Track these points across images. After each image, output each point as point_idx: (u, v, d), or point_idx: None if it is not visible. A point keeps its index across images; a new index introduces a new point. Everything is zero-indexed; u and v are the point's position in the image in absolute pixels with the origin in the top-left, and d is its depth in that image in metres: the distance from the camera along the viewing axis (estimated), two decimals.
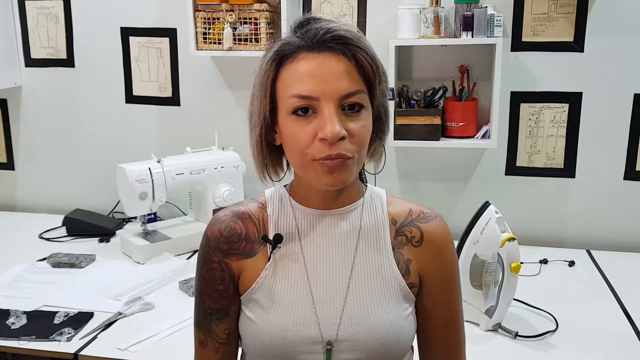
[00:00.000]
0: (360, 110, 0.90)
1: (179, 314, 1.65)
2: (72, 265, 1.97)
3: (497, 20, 1.94)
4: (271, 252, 0.98)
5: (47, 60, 2.46)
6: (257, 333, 0.95)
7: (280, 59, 0.92)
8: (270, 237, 0.98)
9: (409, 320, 0.97)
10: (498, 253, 1.51)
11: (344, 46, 0.89)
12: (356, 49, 0.90)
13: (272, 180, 1.01)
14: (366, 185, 1.04)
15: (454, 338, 1.03)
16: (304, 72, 0.89)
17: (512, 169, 2.18)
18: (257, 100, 0.94)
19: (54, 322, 1.60)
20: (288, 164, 1.01)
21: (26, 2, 2.43)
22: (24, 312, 1.64)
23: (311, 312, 0.94)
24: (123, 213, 2.22)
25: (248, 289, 0.98)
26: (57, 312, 1.65)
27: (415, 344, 1.04)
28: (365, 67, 0.90)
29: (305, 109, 0.89)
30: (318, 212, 0.98)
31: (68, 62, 2.44)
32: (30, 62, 2.48)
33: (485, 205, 1.55)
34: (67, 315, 1.63)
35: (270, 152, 0.98)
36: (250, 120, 0.97)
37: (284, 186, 1.03)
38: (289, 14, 2.08)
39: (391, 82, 1.99)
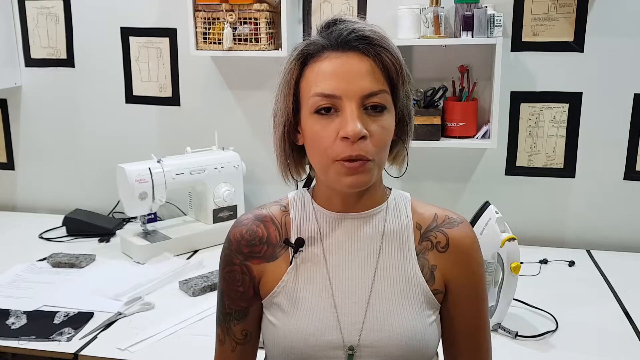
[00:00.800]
0: (382, 111, 0.90)
1: (178, 314, 1.65)
2: (72, 265, 1.97)
3: (497, 20, 1.94)
4: (293, 256, 0.97)
5: (47, 60, 2.46)
6: (278, 337, 0.95)
7: (304, 59, 0.92)
8: (292, 240, 0.98)
9: (433, 327, 0.95)
10: (498, 253, 1.51)
11: (368, 46, 0.89)
12: (380, 49, 0.89)
13: (295, 179, 1.01)
14: (390, 189, 1.03)
15: (481, 345, 1.01)
16: (328, 71, 0.89)
17: (512, 169, 2.18)
18: (281, 99, 0.94)
19: (54, 322, 1.60)
20: (310, 165, 1.01)
21: (26, 2, 2.43)
22: (24, 312, 1.64)
23: (333, 316, 0.93)
24: (123, 213, 2.22)
25: (270, 292, 0.97)
26: (57, 312, 1.65)
27: (440, 350, 1.02)
28: (389, 68, 0.90)
29: (328, 108, 0.89)
30: (340, 215, 0.97)
31: (68, 62, 2.44)
32: (30, 62, 2.48)
33: (485, 205, 1.55)
34: (67, 315, 1.63)
35: (292, 152, 0.98)
36: (274, 120, 0.97)
37: (307, 189, 1.03)
38: (289, 14, 2.08)
39: None
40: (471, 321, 0.99)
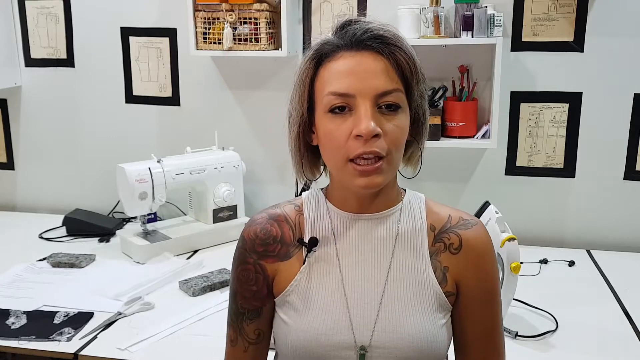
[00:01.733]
0: (396, 110, 0.89)
1: (178, 314, 1.65)
2: (72, 265, 1.97)
3: (497, 20, 1.94)
4: (306, 256, 0.97)
5: (47, 60, 2.46)
6: (290, 336, 0.95)
7: (319, 58, 0.92)
8: (306, 240, 0.98)
9: (444, 329, 0.95)
10: (498, 253, 1.51)
11: (383, 45, 0.89)
12: (395, 48, 0.90)
13: (309, 180, 1.01)
14: (405, 190, 1.03)
15: (493, 350, 1.00)
16: (342, 70, 0.89)
17: (512, 169, 2.18)
18: (296, 99, 0.95)
19: (54, 322, 1.60)
20: (324, 166, 1.01)
21: (26, 2, 2.43)
22: (24, 312, 1.64)
23: (345, 317, 0.93)
24: (123, 213, 2.22)
25: (282, 291, 0.97)
26: (57, 312, 1.65)
27: (451, 351, 1.02)
28: (403, 67, 0.90)
29: (342, 107, 0.89)
30: (354, 216, 0.97)
31: (68, 62, 2.44)
32: (30, 62, 2.48)
33: (485, 205, 1.55)
34: (67, 315, 1.63)
35: (307, 152, 0.98)
36: (289, 120, 0.97)
37: (321, 189, 1.03)
38: (289, 14, 2.08)
39: None
40: (484, 324, 0.98)
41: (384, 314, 0.93)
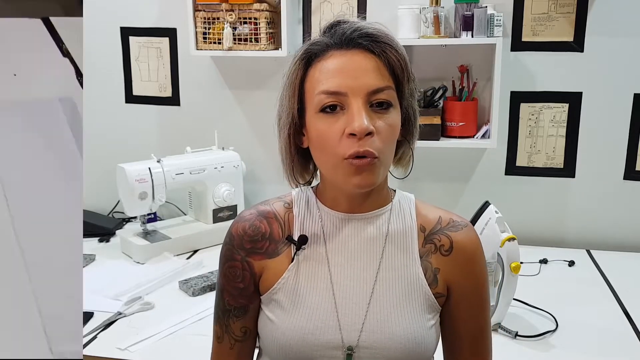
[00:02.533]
0: (388, 108, 0.89)
1: (178, 313, 1.65)
2: None
3: (497, 20, 1.94)
4: (295, 253, 0.97)
5: None
6: (276, 334, 0.94)
7: (308, 59, 0.92)
8: (295, 238, 0.97)
9: (433, 330, 0.95)
10: (498, 253, 1.51)
11: (373, 43, 0.89)
12: (385, 45, 0.89)
13: (299, 183, 1.00)
14: (395, 190, 1.02)
15: (482, 348, 1.00)
16: (332, 69, 0.88)
17: (512, 168, 2.18)
18: (286, 101, 0.93)
19: None
20: (314, 169, 1.00)
21: None
22: None
23: (333, 316, 0.93)
24: (123, 213, 2.22)
25: (269, 288, 0.97)
26: None
27: (440, 351, 1.02)
28: (394, 64, 0.90)
29: (333, 106, 0.88)
30: (344, 216, 0.97)
31: None
32: None
33: (485, 205, 1.55)
34: None
35: (297, 155, 0.97)
36: (279, 123, 0.96)
37: (311, 187, 1.02)
38: (289, 14, 2.08)
39: None
40: (473, 324, 0.99)
41: (372, 314, 0.93)
